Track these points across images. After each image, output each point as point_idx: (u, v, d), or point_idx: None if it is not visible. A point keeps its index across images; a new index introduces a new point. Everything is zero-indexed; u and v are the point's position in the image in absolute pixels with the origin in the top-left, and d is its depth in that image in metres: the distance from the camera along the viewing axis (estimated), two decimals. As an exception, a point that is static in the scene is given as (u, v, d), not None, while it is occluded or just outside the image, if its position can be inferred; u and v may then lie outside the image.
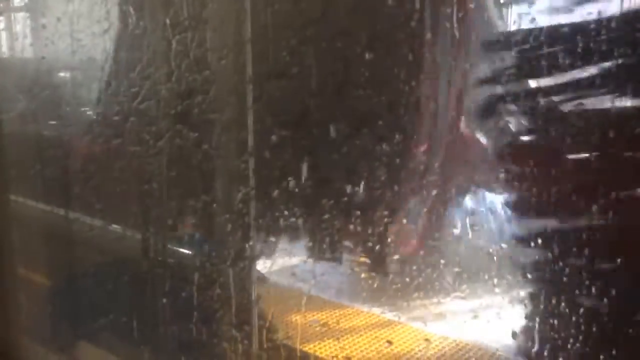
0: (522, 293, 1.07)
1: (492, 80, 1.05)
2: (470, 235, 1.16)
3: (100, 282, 1.95)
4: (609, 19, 0.90)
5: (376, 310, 1.41)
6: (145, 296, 1.71)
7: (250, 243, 1.43)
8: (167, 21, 1.43)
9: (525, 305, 1.06)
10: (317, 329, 1.41)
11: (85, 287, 2.04)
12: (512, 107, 1.04)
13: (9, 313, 2.19)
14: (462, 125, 1.16)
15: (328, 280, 1.38)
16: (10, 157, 2.15)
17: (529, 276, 1.06)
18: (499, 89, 1.04)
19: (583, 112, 0.95)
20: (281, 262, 1.41)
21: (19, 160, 2.13)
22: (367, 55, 1.13)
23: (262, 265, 1.45)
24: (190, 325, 1.55)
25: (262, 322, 1.44)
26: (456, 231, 1.18)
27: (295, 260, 1.39)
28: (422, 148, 1.19)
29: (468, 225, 1.15)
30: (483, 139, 1.14)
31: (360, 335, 1.45)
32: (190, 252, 1.63)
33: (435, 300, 1.19)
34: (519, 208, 1.07)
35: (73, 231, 1.95)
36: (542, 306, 1.01)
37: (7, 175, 2.15)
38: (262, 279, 1.46)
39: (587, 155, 0.96)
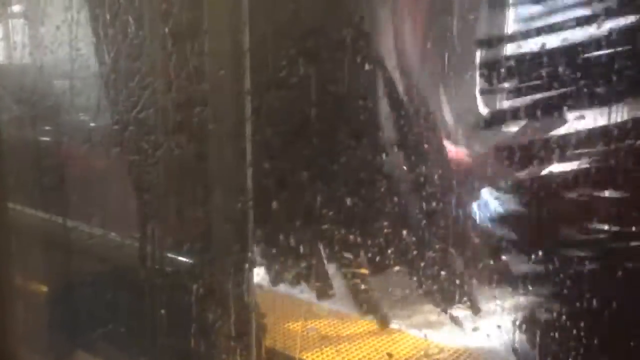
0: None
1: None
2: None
3: (98, 291, 1.95)
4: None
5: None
6: (141, 305, 1.71)
7: (249, 253, 1.43)
8: (166, 31, 1.44)
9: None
10: (316, 337, 1.41)
11: (82, 296, 2.04)
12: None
13: (6, 322, 2.18)
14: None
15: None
16: (7, 165, 2.15)
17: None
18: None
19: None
20: (279, 270, 1.41)
21: (16, 168, 2.12)
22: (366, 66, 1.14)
23: (260, 274, 1.45)
24: (187, 335, 1.55)
25: (261, 331, 1.45)
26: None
27: (294, 269, 1.39)
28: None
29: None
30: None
31: (359, 344, 1.45)
32: (187, 261, 1.63)
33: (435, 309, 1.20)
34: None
35: (70, 239, 1.95)
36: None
37: (4, 183, 2.14)
38: (261, 287, 1.46)
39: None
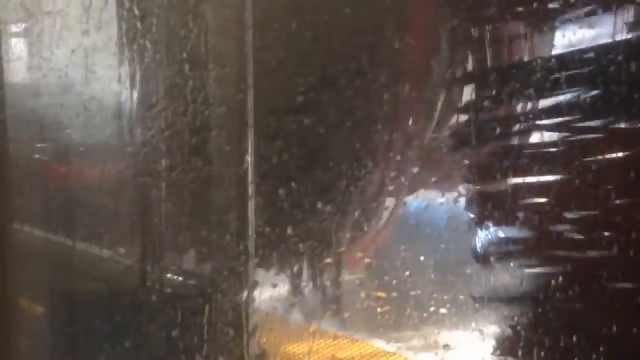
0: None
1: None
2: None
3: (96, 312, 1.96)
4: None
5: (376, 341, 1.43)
6: (136, 323, 1.72)
7: (249, 273, 1.45)
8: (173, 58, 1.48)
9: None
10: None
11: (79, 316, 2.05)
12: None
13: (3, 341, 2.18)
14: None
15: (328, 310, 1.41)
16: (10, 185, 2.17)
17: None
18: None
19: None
20: (282, 291, 1.43)
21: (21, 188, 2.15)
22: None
23: (261, 296, 1.47)
24: (184, 357, 1.56)
25: (261, 354, 1.46)
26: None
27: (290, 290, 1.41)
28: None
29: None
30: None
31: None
32: (187, 281, 1.66)
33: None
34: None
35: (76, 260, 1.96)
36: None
37: (7, 203, 2.16)
38: (261, 309, 1.48)
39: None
